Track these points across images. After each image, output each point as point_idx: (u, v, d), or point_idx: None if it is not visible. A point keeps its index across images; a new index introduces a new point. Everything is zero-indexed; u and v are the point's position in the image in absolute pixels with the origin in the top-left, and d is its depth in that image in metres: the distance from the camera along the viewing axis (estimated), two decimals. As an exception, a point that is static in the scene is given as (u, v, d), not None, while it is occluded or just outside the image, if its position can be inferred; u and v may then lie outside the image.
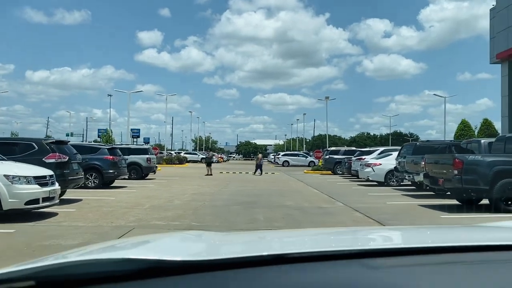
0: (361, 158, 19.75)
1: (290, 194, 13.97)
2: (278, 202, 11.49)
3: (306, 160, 46.23)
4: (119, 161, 15.98)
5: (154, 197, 12.43)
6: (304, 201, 11.95)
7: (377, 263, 0.92)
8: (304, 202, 11.58)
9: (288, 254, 0.97)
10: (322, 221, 8.44)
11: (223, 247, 1.27)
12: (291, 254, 0.97)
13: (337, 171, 26.86)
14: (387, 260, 0.95)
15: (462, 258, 1.00)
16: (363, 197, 12.99)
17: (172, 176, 24.18)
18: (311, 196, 13.28)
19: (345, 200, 11.72)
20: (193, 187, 16.18)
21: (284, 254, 0.97)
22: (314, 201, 11.81)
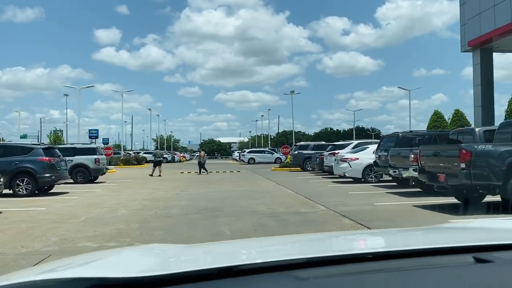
0: (335, 152, 18.18)
1: (261, 196, 12.08)
2: (248, 207, 9.57)
3: (272, 157, 44.70)
4: (57, 163, 13.49)
5: (96, 206, 10.18)
6: (278, 204, 10.09)
7: (305, 274, 0.89)
8: (279, 206, 9.72)
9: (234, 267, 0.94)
10: (306, 232, 6.58)
11: (174, 261, 1.25)
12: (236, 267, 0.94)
13: (306, 167, 25.30)
14: (315, 271, 0.92)
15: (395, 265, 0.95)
16: (345, 197, 11.30)
17: (126, 178, 21.74)
18: (285, 198, 11.44)
19: (326, 202, 9.96)
20: (147, 191, 13.98)
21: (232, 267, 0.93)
22: (290, 205, 9.98)
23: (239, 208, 9.47)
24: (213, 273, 0.89)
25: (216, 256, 1.29)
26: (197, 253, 1.37)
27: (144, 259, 1.29)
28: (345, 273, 0.91)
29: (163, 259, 1.26)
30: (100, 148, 19.89)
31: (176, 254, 1.33)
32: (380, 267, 0.94)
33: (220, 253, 1.35)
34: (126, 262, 1.22)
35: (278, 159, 44.04)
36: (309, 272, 0.90)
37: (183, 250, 1.43)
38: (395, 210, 8.68)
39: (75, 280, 0.89)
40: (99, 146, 20.03)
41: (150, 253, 1.39)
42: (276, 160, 43.82)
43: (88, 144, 21.03)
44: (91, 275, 0.93)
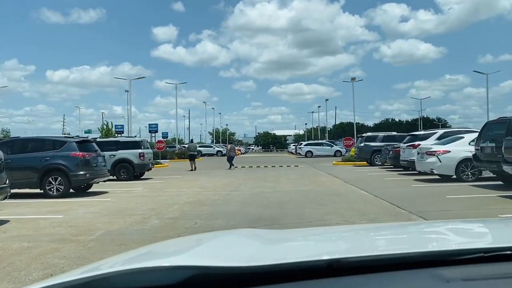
0: (415, 144, 15.11)
1: (330, 199, 9.55)
2: (316, 218, 7.11)
3: (331, 150, 41.68)
4: (93, 159, 11.78)
5: (125, 213, 8.20)
6: (357, 214, 7.52)
7: (451, 274, 0.76)
8: (359, 217, 7.16)
9: (347, 259, 0.84)
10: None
11: (276, 249, 1.17)
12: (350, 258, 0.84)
13: (375, 162, 22.23)
14: (465, 270, 0.79)
15: None
16: (445, 203, 8.47)
17: (176, 173, 20.06)
18: (363, 204, 8.83)
19: (424, 212, 7.25)
20: (192, 191, 11.93)
21: (342, 259, 0.84)
22: (373, 215, 7.37)
23: (304, 220, 7.03)
24: (321, 265, 0.81)
25: (322, 245, 1.22)
26: (300, 240, 1.31)
27: (243, 246, 1.21)
28: (504, 274, 0.75)
29: (263, 247, 1.18)
30: (145, 141, 18.20)
31: (274, 241, 1.26)
32: None
33: (326, 241, 1.27)
34: (224, 249, 1.17)
35: (337, 152, 41.05)
36: (457, 271, 0.77)
37: (282, 235, 1.39)
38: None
39: (176, 269, 0.85)
40: (144, 139, 18.36)
41: (247, 239, 1.33)
42: (336, 153, 40.83)
43: (132, 138, 19.51)
44: (193, 263, 0.90)
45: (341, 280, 0.79)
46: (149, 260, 1.00)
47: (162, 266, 0.88)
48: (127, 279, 0.82)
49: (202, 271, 0.81)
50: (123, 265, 0.92)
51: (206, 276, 0.80)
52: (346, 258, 0.85)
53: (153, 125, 71.60)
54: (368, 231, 1.54)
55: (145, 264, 0.89)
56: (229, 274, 0.81)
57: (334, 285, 0.78)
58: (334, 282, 0.79)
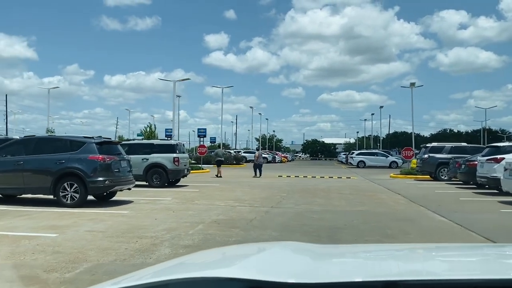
0: (498, 158, 12.40)
1: (398, 227, 7.32)
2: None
3: (386, 160, 38.54)
4: (114, 163, 10.27)
5: (135, 233, 6.48)
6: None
7: None
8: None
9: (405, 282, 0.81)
10: None
11: (327, 266, 1.13)
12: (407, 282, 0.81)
13: (440, 176, 19.37)
14: None
15: None
16: None
17: (215, 180, 18.43)
18: (446, 238, 6.54)
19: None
20: (226, 204, 10.10)
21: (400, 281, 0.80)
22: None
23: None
24: (377, 286, 0.79)
25: (377, 264, 1.17)
26: (350, 257, 1.27)
27: (292, 261, 1.19)
28: None
29: (313, 263, 1.15)
30: (181, 145, 16.60)
31: (323, 257, 1.23)
32: None
33: (380, 260, 1.22)
34: (273, 263, 1.14)
35: (393, 163, 37.93)
36: None
37: (331, 251, 1.36)
38: None
39: (233, 281, 0.85)
40: (180, 142, 16.75)
41: (294, 253, 1.29)
42: (391, 164, 37.71)
43: (167, 140, 18.07)
44: (247, 276, 0.90)
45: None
46: (202, 270, 1.00)
47: (220, 277, 0.87)
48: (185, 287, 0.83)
49: (256, 284, 0.81)
50: (173, 273, 0.91)
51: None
52: (404, 281, 0.81)
53: (202, 129, 71.34)
54: (428, 251, 1.43)
55: (200, 274, 0.92)
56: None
57: None
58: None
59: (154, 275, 0.91)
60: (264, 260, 1.18)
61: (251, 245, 1.52)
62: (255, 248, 1.45)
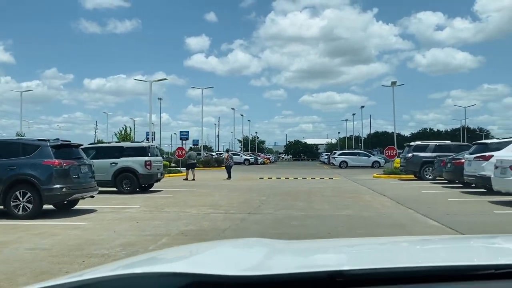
0: (486, 156, 11.82)
1: (387, 235, 6.55)
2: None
3: (369, 160, 38.20)
4: (74, 168, 9.25)
5: (84, 251, 5.52)
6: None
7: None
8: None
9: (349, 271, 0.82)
10: None
11: (277, 259, 1.12)
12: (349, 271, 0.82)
13: (425, 176, 18.85)
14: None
15: None
16: None
17: (193, 184, 17.47)
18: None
19: None
20: (200, 211, 9.18)
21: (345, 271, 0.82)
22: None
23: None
24: (321, 277, 0.80)
25: (323, 256, 1.20)
26: (302, 251, 1.28)
27: (245, 256, 1.20)
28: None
29: (265, 257, 1.12)
30: (154, 147, 15.52)
31: (278, 251, 1.23)
32: None
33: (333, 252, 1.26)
34: (226, 258, 1.16)
35: (375, 162, 37.62)
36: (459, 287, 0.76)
37: (286, 246, 1.35)
38: None
39: (175, 275, 0.85)
40: (153, 145, 15.69)
41: (250, 249, 1.31)
42: (374, 164, 37.39)
43: (138, 143, 16.98)
44: (190, 270, 0.89)
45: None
46: (149, 266, 0.99)
47: (161, 272, 0.87)
48: (123, 284, 0.82)
49: (200, 279, 0.81)
50: (122, 270, 0.91)
51: (203, 284, 0.81)
52: (348, 271, 0.83)
53: (184, 132, 70.06)
54: (382, 244, 1.44)
55: (144, 270, 0.89)
56: (226, 283, 0.81)
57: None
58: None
59: (96, 273, 0.86)
60: (217, 255, 1.18)
61: (214, 242, 1.50)
62: (215, 244, 1.45)
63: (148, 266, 0.99)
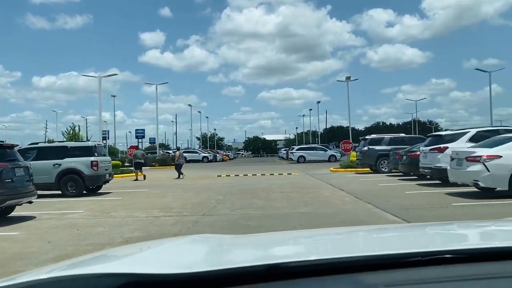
0: (441, 147, 11.90)
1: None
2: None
3: (325, 154, 38.63)
4: (7, 172, 8.22)
5: (8, 267, 4.76)
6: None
7: (372, 280, 0.74)
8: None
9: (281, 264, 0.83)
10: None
11: (218, 255, 1.15)
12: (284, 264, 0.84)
13: (381, 169, 19.03)
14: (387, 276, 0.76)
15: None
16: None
17: (146, 184, 16.63)
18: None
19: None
20: (149, 215, 8.51)
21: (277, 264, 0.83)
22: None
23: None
24: (259, 271, 0.81)
25: (264, 251, 1.20)
26: (246, 245, 1.28)
27: (187, 253, 1.18)
28: (427, 279, 0.74)
29: (206, 253, 1.15)
30: (101, 147, 14.54)
31: (222, 247, 1.23)
32: (478, 271, 0.76)
33: (269, 247, 1.25)
34: (166, 256, 1.14)
35: (332, 156, 38.12)
36: (378, 277, 0.76)
37: (231, 241, 1.36)
38: None
39: (108, 276, 0.81)
40: (98, 144, 14.66)
41: (194, 246, 1.30)
42: (330, 158, 37.87)
43: (83, 142, 15.89)
44: (126, 270, 0.86)
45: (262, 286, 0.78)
46: (85, 267, 0.97)
47: (94, 273, 0.84)
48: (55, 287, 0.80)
49: (135, 278, 0.79)
50: (57, 272, 0.88)
51: (139, 284, 0.79)
52: (286, 263, 0.83)
53: (140, 130, 67.46)
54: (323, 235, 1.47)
55: (79, 271, 0.87)
56: (162, 282, 0.79)
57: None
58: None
59: (29, 276, 0.83)
60: (160, 254, 1.15)
61: (160, 240, 1.41)
62: (160, 242, 1.42)
63: (84, 267, 0.95)
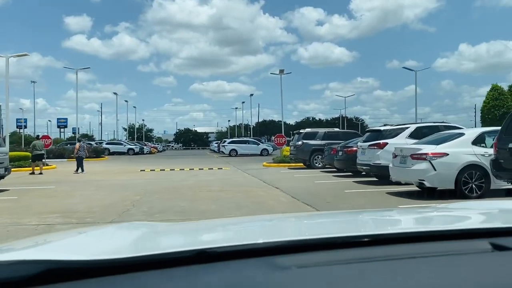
0: (381, 143, 11.26)
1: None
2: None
3: (258, 148, 37.90)
4: None
5: None
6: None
7: (285, 262, 0.77)
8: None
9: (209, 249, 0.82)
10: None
11: (145, 242, 1.12)
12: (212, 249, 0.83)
13: (315, 164, 18.38)
14: (298, 258, 0.79)
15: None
16: None
17: (56, 179, 14.40)
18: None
19: None
20: (42, 221, 6.70)
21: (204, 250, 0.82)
22: None
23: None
24: (183, 256, 0.80)
25: (190, 237, 1.20)
26: (172, 232, 1.26)
27: (113, 240, 1.14)
28: (335, 260, 0.78)
29: (134, 239, 1.11)
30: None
31: (155, 234, 1.21)
32: (381, 253, 0.80)
33: (195, 233, 1.25)
34: (92, 242, 1.10)
35: (264, 150, 37.48)
36: (291, 258, 0.79)
37: (165, 228, 1.35)
38: None
39: (24, 263, 0.77)
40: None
41: (122, 232, 1.26)
42: (262, 151, 37.21)
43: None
44: (45, 257, 0.81)
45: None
46: (2, 254, 0.93)
47: (6, 260, 0.79)
48: None
49: (54, 265, 0.75)
50: None
51: (58, 271, 0.75)
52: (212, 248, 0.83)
53: (62, 119, 61.74)
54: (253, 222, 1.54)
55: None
56: (82, 269, 0.76)
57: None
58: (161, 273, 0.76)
59: None
60: (83, 240, 1.12)
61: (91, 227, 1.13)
62: (90, 229, 1.43)
63: (0, 254, 0.91)
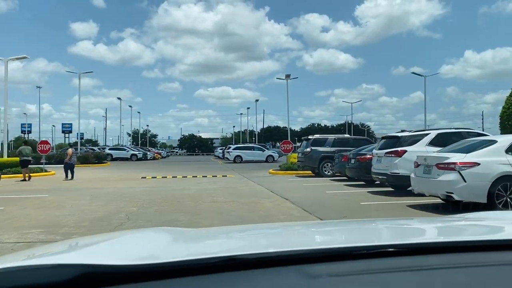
0: (399, 151, 10.37)
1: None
2: None
3: (263, 154, 37.06)
4: None
5: None
6: None
7: (317, 271, 0.78)
8: None
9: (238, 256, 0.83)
10: None
11: (176, 248, 1.15)
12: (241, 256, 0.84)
13: (324, 172, 17.48)
14: (330, 267, 0.80)
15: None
16: None
17: (50, 187, 13.62)
18: None
19: None
20: (22, 238, 5.87)
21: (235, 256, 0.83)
22: None
23: None
24: (213, 263, 0.81)
25: (219, 244, 1.21)
26: (202, 239, 1.30)
27: (147, 244, 1.15)
28: (366, 270, 0.78)
29: (165, 246, 1.13)
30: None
31: (180, 239, 1.24)
32: (411, 263, 0.79)
33: (225, 240, 1.27)
34: (126, 247, 1.12)
35: (270, 157, 36.66)
36: (322, 267, 0.79)
37: (189, 234, 1.37)
38: None
39: (60, 267, 0.78)
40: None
41: (152, 237, 1.28)
42: (268, 158, 36.38)
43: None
44: (83, 261, 0.82)
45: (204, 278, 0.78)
46: (38, 258, 0.95)
47: (46, 264, 0.81)
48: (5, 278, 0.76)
49: (91, 269, 0.77)
50: (8, 263, 0.84)
51: (94, 275, 0.76)
52: (241, 255, 0.84)
53: (67, 124, 60.95)
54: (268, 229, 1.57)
55: (30, 263, 0.85)
56: (119, 273, 0.77)
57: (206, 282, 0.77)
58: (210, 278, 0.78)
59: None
60: (117, 245, 1.14)
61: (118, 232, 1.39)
62: (118, 234, 1.43)
63: (40, 258, 0.93)
